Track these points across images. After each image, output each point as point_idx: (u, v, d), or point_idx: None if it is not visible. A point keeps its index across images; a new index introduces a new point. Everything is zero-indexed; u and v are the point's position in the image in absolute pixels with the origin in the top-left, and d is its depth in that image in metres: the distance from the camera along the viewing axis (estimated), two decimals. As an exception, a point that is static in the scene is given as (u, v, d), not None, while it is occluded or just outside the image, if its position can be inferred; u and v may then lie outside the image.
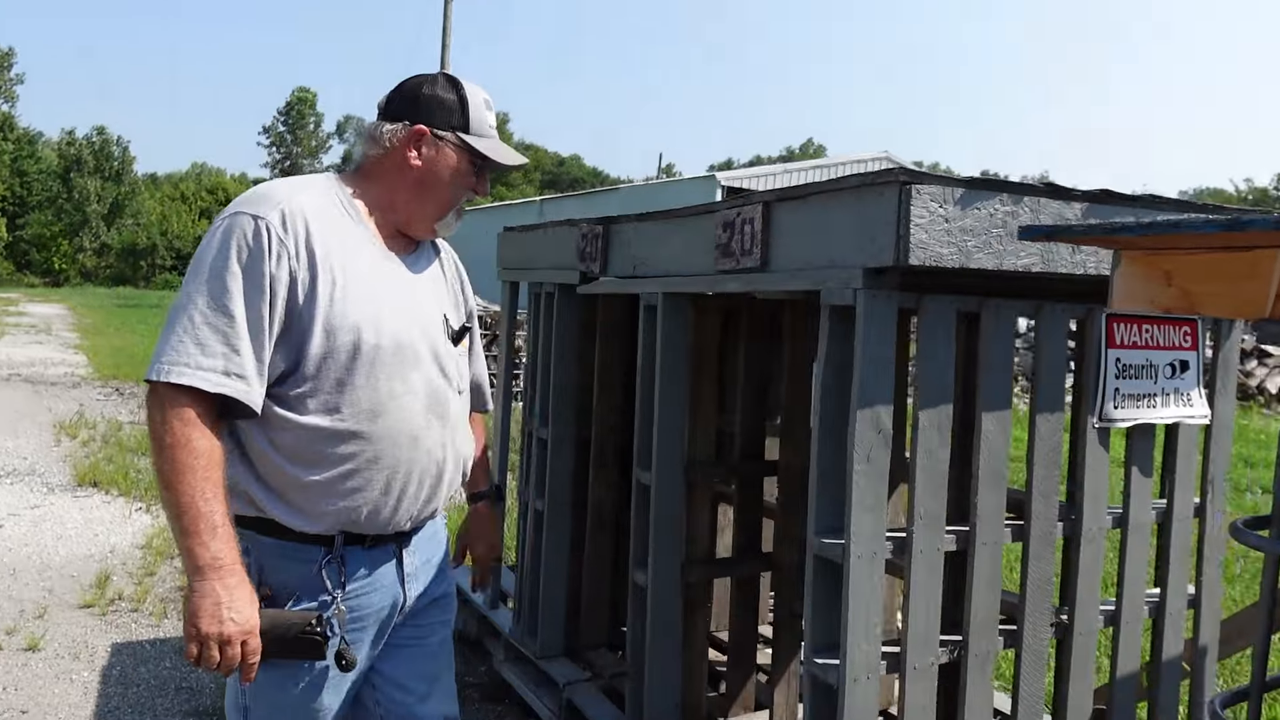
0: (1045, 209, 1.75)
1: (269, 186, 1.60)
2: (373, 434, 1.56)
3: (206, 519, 1.43)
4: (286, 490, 1.54)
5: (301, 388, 1.53)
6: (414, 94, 1.67)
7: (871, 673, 1.76)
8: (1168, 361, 2.11)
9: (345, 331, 1.54)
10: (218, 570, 1.44)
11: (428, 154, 1.64)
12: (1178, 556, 2.21)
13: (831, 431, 1.80)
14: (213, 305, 1.47)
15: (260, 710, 1.61)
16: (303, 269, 1.52)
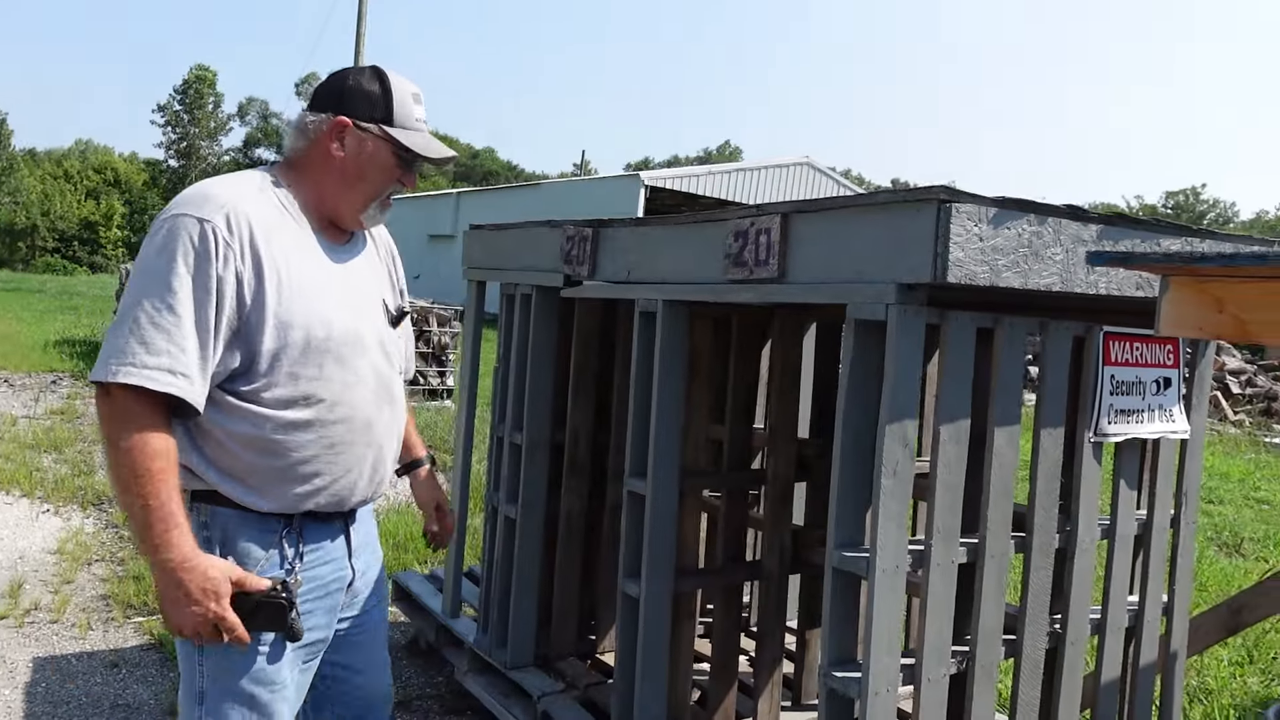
0: (1066, 229, 1.78)
1: (209, 187, 1.61)
2: (329, 421, 1.63)
3: (167, 520, 1.47)
4: (245, 475, 1.60)
5: (257, 382, 1.57)
6: (339, 86, 1.69)
7: (891, 685, 1.77)
8: (1153, 378, 2.19)
9: (295, 328, 1.59)
10: (182, 570, 1.49)
11: (350, 145, 1.67)
12: (1156, 566, 2.29)
13: (855, 445, 1.80)
14: (158, 306, 1.48)
15: (216, 692, 1.63)
16: (248, 270, 1.55)
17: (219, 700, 1.62)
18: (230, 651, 1.59)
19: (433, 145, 1.73)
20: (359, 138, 1.66)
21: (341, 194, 1.69)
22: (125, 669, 3.37)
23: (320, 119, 1.66)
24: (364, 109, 1.66)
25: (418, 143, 1.69)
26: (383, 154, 1.68)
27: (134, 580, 4.17)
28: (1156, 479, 2.27)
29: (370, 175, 1.68)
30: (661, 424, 2.30)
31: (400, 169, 1.70)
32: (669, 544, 2.34)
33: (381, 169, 1.69)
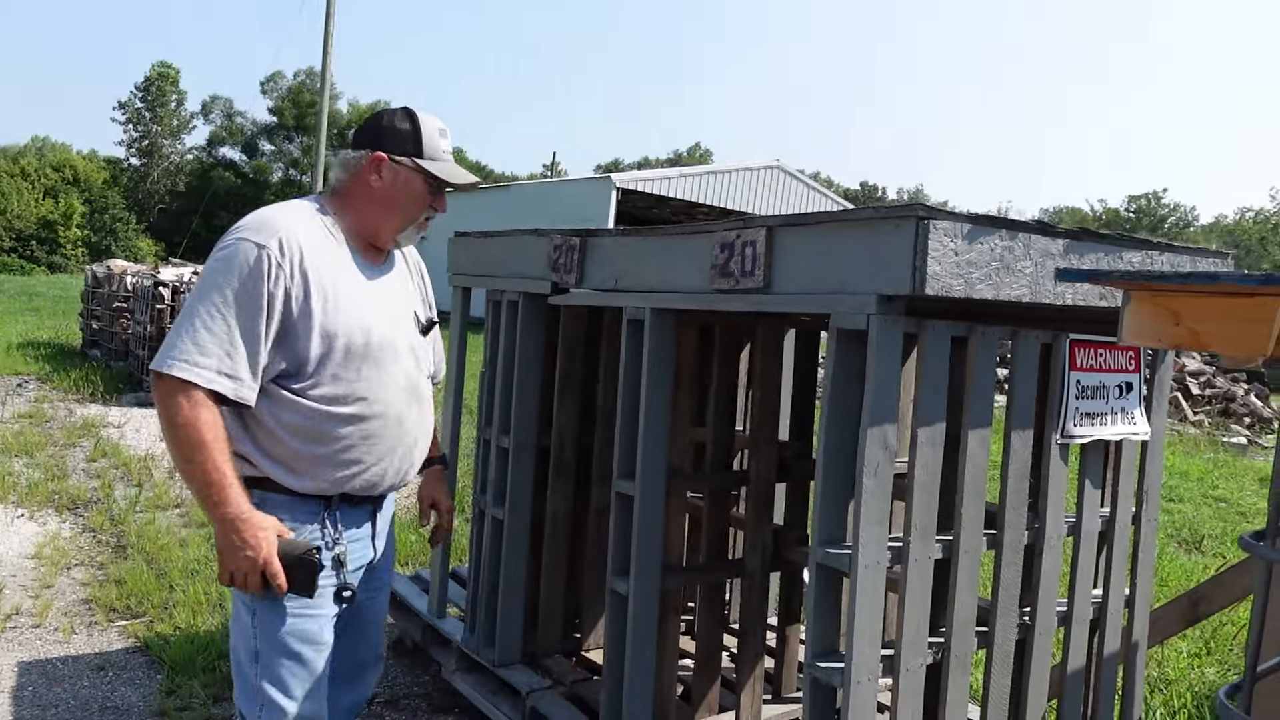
0: (1035, 244, 1.90)
1: (268, 214, 1.89)
2: (366, 416, 1.91)
3: (217, 483, 1.75)
4: (292, 461, 1.87)
5: (305, 381, 1.85)
6: (375, 126, 1.97)
7: (872, 675, 1.87)
8: (1116, 383, 2.31)
9: (338, 336, 1.86)
10: (234, 521, 1.77)
11: (387, 176, 1.94)
12: (1118, 561, 2.41)
13: (838, 448, 1.89)
14: (213, 314, 1.76)
15: (270, 652, 1.91)
16: (297, 287, 1.83)
17: (271, 657, 1.90)
18: (281, 614, 1.88)
19: (458, 173, 2.00)
20: (394, 169, 1.93)
21: (381, 218, 1.96)
22: (112, 672, 3.39)
23: (360, 155, 1.94)
24: (397, 144, 1.93)
25: (445, 171, 1.96)
26: (415, 183, 1.95)
27: (115, 584, 4.18)
28: (1119, 478, 2.39)
29: (405, 202, 1.95)
30: (650, 427, 2.38)
31: (431, 195, 1.98)
32: (656, 543, 2.42)
33: (414, 196, 1.96)
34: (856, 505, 1.82)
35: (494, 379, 3.09)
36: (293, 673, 1.93)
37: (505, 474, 3.00)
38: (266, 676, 1.92)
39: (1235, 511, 8.02)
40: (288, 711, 1.94)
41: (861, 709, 1.84)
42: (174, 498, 5.77)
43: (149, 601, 4.01)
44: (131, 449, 7.16)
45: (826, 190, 24.41)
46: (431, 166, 1.95)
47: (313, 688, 1.97)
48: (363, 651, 2.22)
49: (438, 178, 1.96)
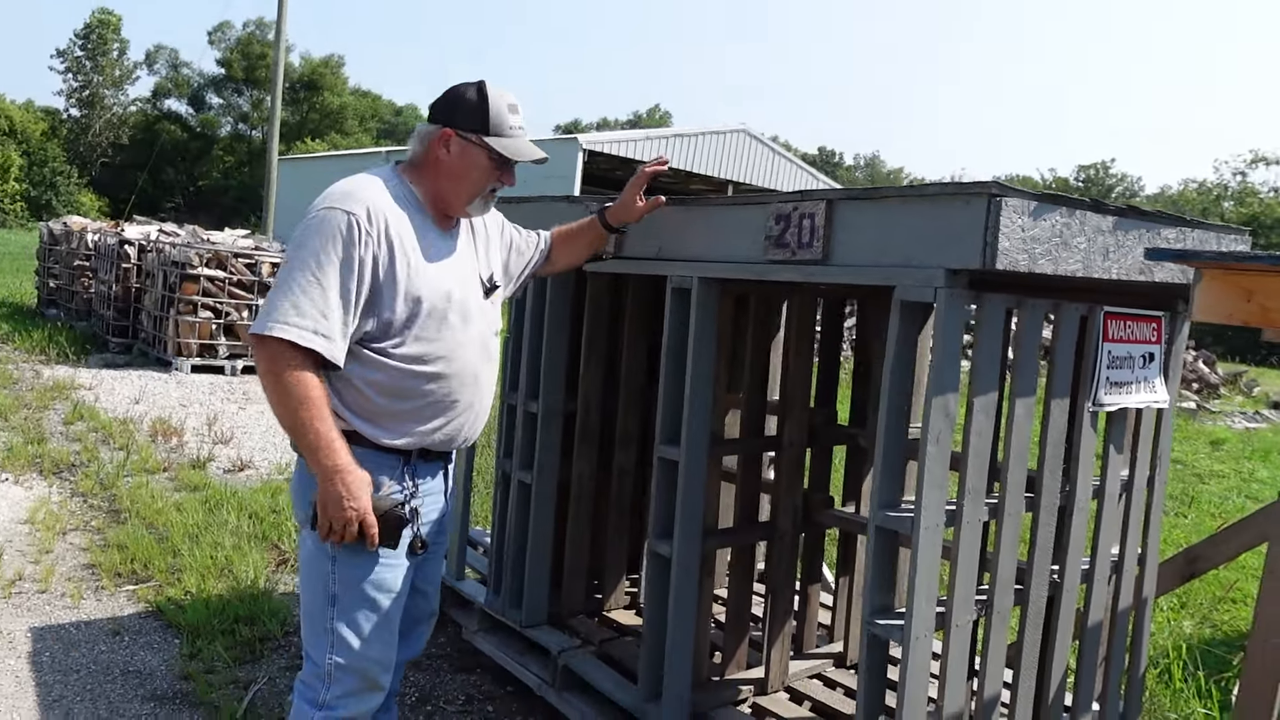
0: (1089, 221, 1.97)
1: (352, 184, 1.95)
2: (448, 374, 2.00)
3: (324, 436, 1.84)
4: (376, 416, 1.96)
5: (391, 340, 1.94)
6: (449, 100, 2.03)
7: (929, 631, 1.96)
8: (1141, 353, 2.42)
9: (421, 299, 1.95)
10: (339, 473, 1.85)
11: (455, 152, 2.00)
12: (1135, 521, 2.54)
13: (898, 416, 1.97)
14: (310, 279, 1.84)
15: (348, 597, 1.98)
16: (384, 253, 1.91)
17: (349, 603, 1.98)
18: (362, 563, 1.97)
19: (523, 149, 2.04)
20: (461, 145, 2.00)
21: (450, 190, 2.03)
22: (128, 636, 3.39)
23: (432, 129, 2.02)
24: (466, 120, 1.99)
25: (509, 147, 2.01)
26: (480, 158, 2.01)
27: (118, 549, 4.15)
28: (1138, 444, 2.51)
29: (471, 175, 2.01)
30: (695, 394, 2.44)
31: (497, 169, 2.03)
32: (698, 507, 2.49)
33: (480, 170, 2.01)
34: (920, 470, 1.90)
35: (519, 345, 3.11)
36: (369, 619, 2.01)
37: (533, 438, 3.04)
38: (343, 620, 1.99)
39: (1191, 473, 8.37)
40: (361, 655, 2.01)
41: (919, 663, 1.94)
42: (160, 461, 5.70)
43: (154, 566, 3.99)
44: (108, 411, 7.03)
45: (789, 154, 24.47)
46: (496, 143, 2.00)
47: (387, 635, 2.05)
48: (420, 607, 2.28)
49: (501, 154, 2.01)
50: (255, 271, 9.58)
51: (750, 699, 2.79)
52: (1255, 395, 15.80)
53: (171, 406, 7.51)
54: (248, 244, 10.57)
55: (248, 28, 49.06)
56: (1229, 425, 12.03)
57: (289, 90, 44.45)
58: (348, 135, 47.97)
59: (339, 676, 2.01)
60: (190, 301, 9.14)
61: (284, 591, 3.88)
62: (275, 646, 3.37)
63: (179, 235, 10.72)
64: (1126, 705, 2.67)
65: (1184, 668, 3.56)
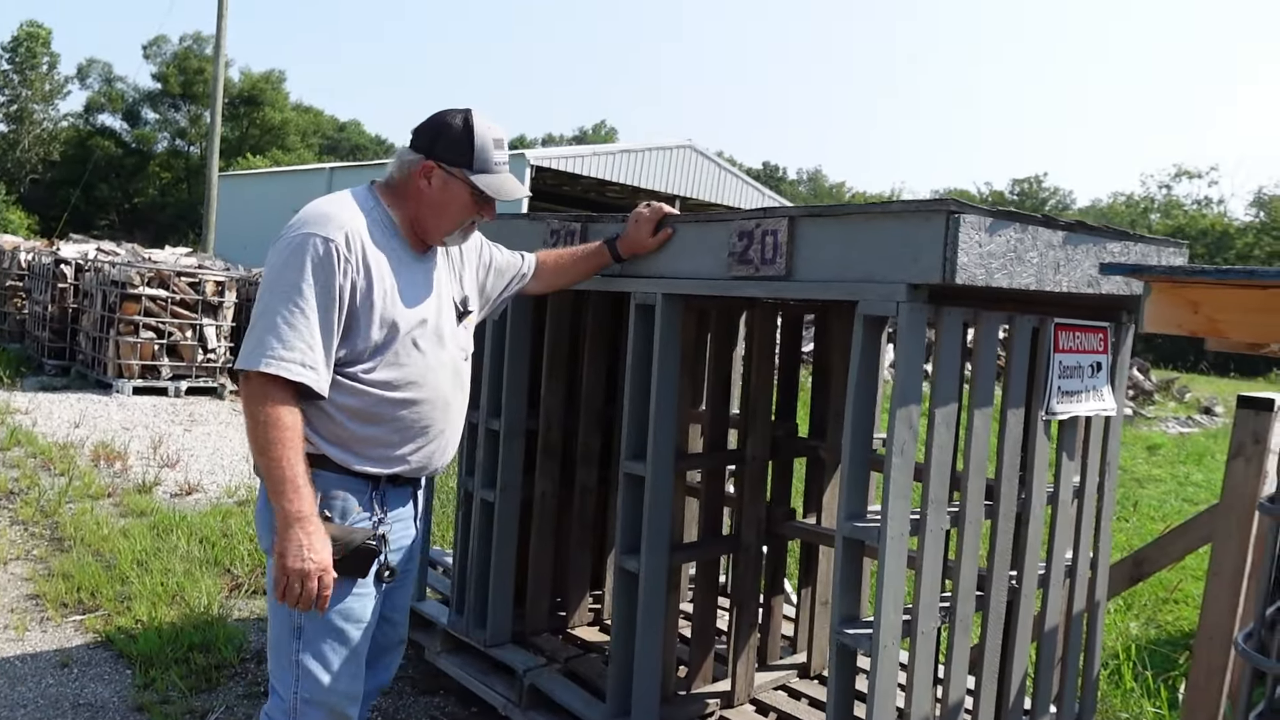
0: (1040, 236, 2.04)
1: (327, 207, 1.91)
2: (419, 399, 1.98)
3: (291, 481, 1.79)
4: (347, 441, 1.93)
5: (363, 365, 1.91)
6: (434, 131, 1.98)
7: (895, 639, 2.00)
8: (1090, 363, 2.50)
9: (395, 324, 1.92)
10: (300, 521, 1.79)
11: (436, 184, 1.97)
12: (1086, 525, 2.62)
13: (863, 428, 2.01)
14: (291, 310, 1.81)
15: (314, 628, 1.93)
16: (361, 279, 1.88)
17: (315, 635, 1.93)
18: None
19: (506, 187, 2.01)
20: (444, 179, 1.96)
21: (430, 220, 2.00)
22: (77, 668, 3.28)
23: (414, 159, 1.97)
24: (450, 153, 1.95)
25: (493, 185, 1.98)
26: (462, 193, 1.97)
27: (63, 578, 4.02)
28: (1088, 450, 2.60)
29: (451, 209, 1.99)
30: (660, 410, 2.46)
31: (477, 205, 2.01)
32: (665, 522, 2.51)
33: (461, 205, 1.99)
34: (885, 480, 1.94)
35: (482, 363, 3.10)
36: (336, 650, 1.96)
37: (495, 456, 3.03)
38: (309, 652, 1.94)
39: (1130, 478, 8.63)
40: (328, 688, 1.96)
41: (888, 670, 1.98)
42: (104, 487, 5.54)
43: (102, 595, 3.88)
44: (46, 436, 6.81)
45: (735, 170, 24.76)
46: (480, 180, 1.96)
47: (353, 667, 2.00)
48: (388, 636, 2.24)
49: (484, 192, 1.98)
50: (199, 290, 9.37)
51: (717, 712, 2.80)
52: (1187, 401, 16.37)
53: (114, 430, 7.30)
54: (191, 262, 10.35)
55: (185, 42, 48.03)
56: (1164, 430, 12.44)
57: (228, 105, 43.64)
58: (289, 151, 47.16)
59: (305, 711, 1.96)
60: (131, 322, 8.91)
61: (239, 617, 3.80)
62: (232, 674, 3.29)
63: (119, 254, 10.45)
64: (1082, 706, 2.75)
65: (1133, 668, 3.67)
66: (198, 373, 9.39)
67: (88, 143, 45.73)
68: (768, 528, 2.92)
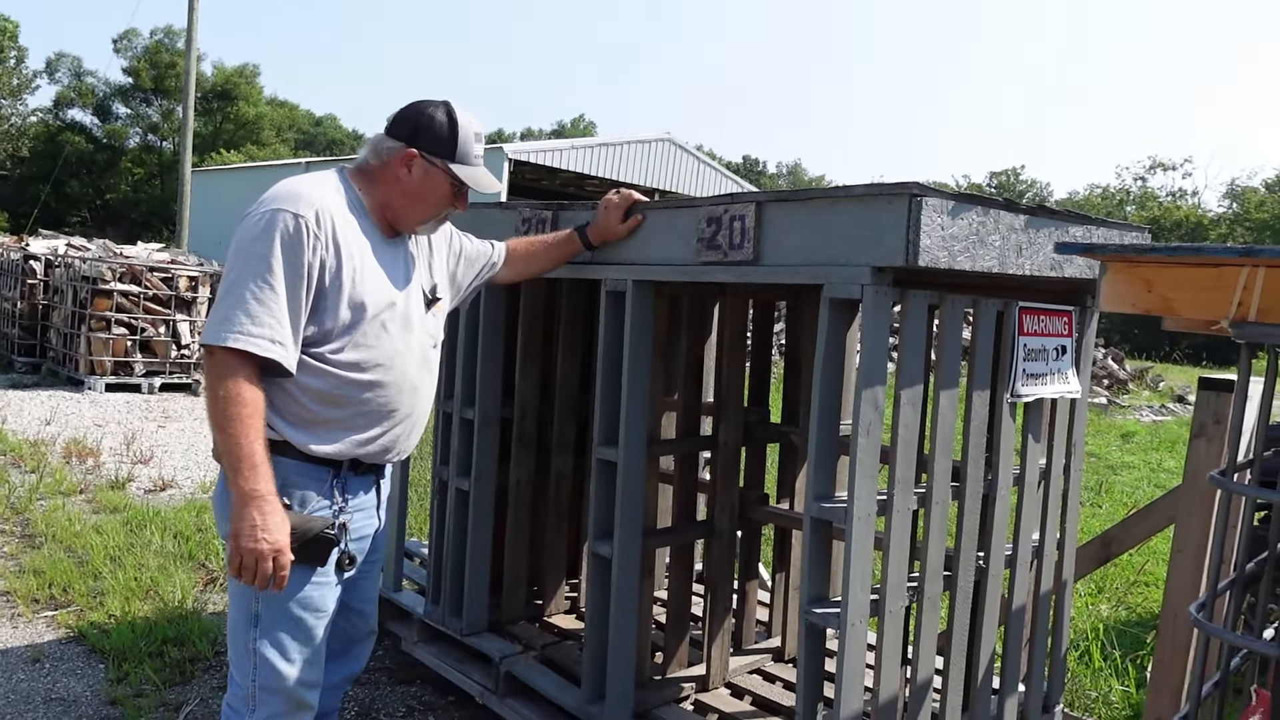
0: (1002, 219, 2.07)
1: (299, 185, 1.89)
2: (385, 382, 1.96)
3: (249, 459, 1.76)
4: (308, 423, 1.91)
5: (330, 345, 1.89)
6: (414, 119, 1.98)
7: (864, 618, 2.03)
8: (1054, 346, 2.54)
9: (364, 305, 1.91)
10: (256, 500, 1.77)
11: (416, 173, 1.97)
12: (1053, 507, 2.66)
13: (829, 410, 2.03)
14: (260, 285, 1.78)
15: (271, 616, 1.92)
16: (330, 257, 1.87)
17: (272, 622, 1.92)
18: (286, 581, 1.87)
19: (483, 180, 2.03)
20: (424, 168, 1.97)
21: (404, 209, 2.00)
22: (49, 663, 3.26)
23: (393, 146, 1.97)
24: (431, 144, 1.96)
25: (472, 177, 2.01)
26: (442, 183, 1.99)
27: (34, 574, 3.98)
28: (1054, 432, 2.64)
29: (430, 199, 2.00)
30: (632, 396, 2.47)
31: (454, 196, 2.02)
32: (638, 507, 2.52)
33: (439, 195, 2.00)
34: (851, 461, 1.97)
35: (455, 351, 3.10)
36: (293, 638, 1.94)
37: (470, 445, 3.03)
38: (265, 640, 1.93)
39: (1104, 465, 8.74)
40: (285, 676, 1.95)
41: (855, 649, 2.00)
42: (76, 483, 5.49)
43: (74, 590, 3.85)
44: (17, 434, 6.73)
45: (714, 163, 24.79)
46: (461, 172, 1.98)
47: (311, 655, 1.99)
48: (357, 626, 2.25)
49: (465, 184, 2.00)
50: (172, 286, 9.29)
51: (692, 696, 2.83)
52: (1161, 390, 16.58)
53: (86, 427, 7.23)
54: (163, 258, 10.25)
55: (155, 35, 47.39)
56: (1138, 419, 12.60)
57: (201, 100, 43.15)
58: (264, 146, 46.71)
59: (264, 699, 1.95)
60: (103, 318, 8.81)
61: (213, 611, 3.78)
62: (206, 667, 3.28)
63: (89, 250, 10.33)
64: (1050, 685, 2.79)
65: (1102, 648, 3.73)
66: (171, 369, 9.30)
67: (58, 138, 45.06)
68: (741, 513, 2.95)
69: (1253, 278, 1.51)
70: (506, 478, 3.13)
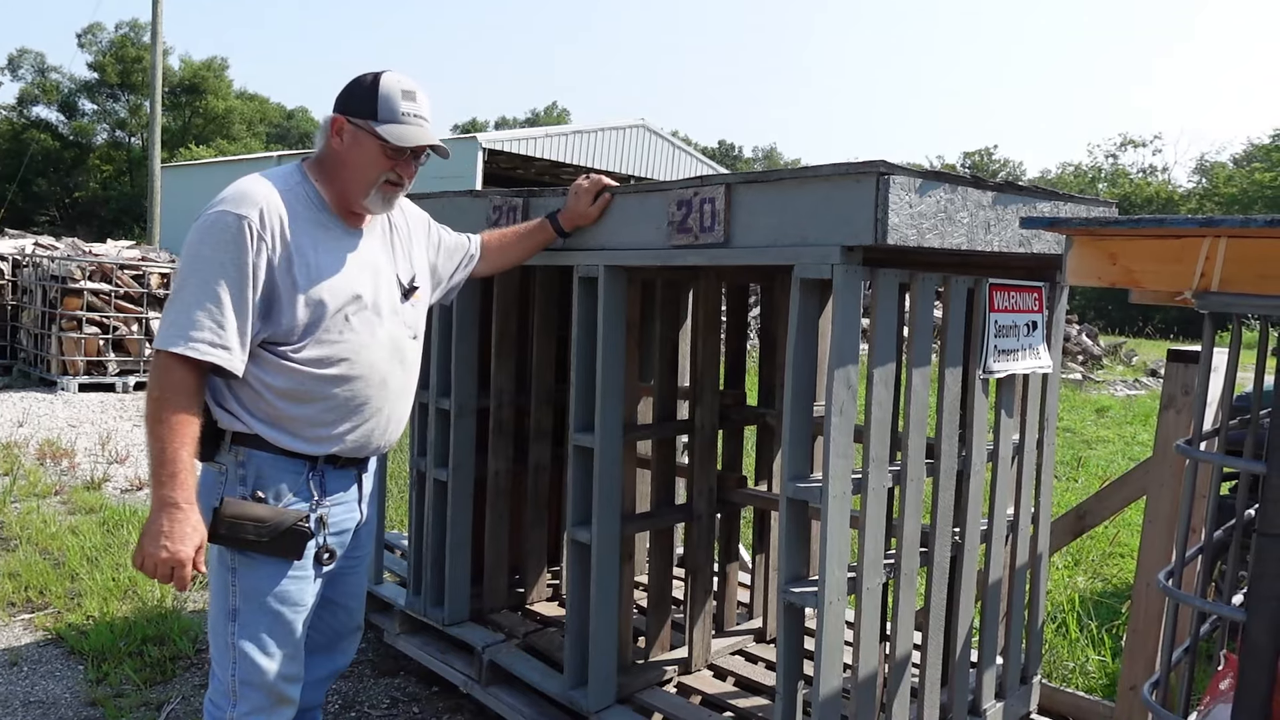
0: (970, 196, 2.08)
1: (247, 185, 1.87)
2: (351, 376, 1.94)
3: (169, 465, 1.76)
4: (277, 420, 1.89)
5: (291, 344, 1.88)
6: (345, 89, 1.97)
7: (841, 596, 2.04)
8: (1025, 322, 2.56)
9: (322, 302, 1.89)
10: (167, 507, 1.77)
11: (348, 140, 1.94)
12: (1027, 481, 2.69)
13: (802, 391, 2.04)
14: (203, 289, 1.78)
15: (249, 611, 1.92)
16: (278, 256, 1.84)
17: (250, 617, 1.92)
18: (262, 574, 1.90)
19: (412, 135, 1.92)
20: (352, 132, 1.93)
21: (345, 181, 1.95)
22: (26, 666, 3.23)
23: (328, 119, 1.96)
24: (356, 107, 1.92)
25: (397, 133, 1.91)
26: (370, 145, 1.92)
27: (9, 577, 3.94)
28: (1026, 408, 2.66)
29: (362, 163, 1.93)
30: (607, 382, 2.47)
31: (389, 159, 1.93)
32: (616, 493, 2.53)
33: (370, 158, 1.92)
34: (825, 440, 1.98)
35: (430, 342, 3.08)
36: (271, 632, 1.94)
37: (447, 436, 3.02)
38: (244, 635, 1.92)
39: (1079, 440, 8.84)
40: (265, 670, 1.94)
41: (834, 626, 2.02)
42: (51, 485, 5.43)
43: (51, 592, 3.81)
44: (-12, 437, 6.64)
45: (689, 148, 24.74)
46: (385, 130, 1.89)
47: (291, 649, 1.98)
48: (342, 621, 2.24)
49: (387, 139, 1.89)
50: (143, 283, 9.18)
51: (675, 678, 2.84)
52: (1134, 364, 16.77)
53: (60, 428, 7.14)
54: (134, 255, 10.12)
55: (121, 29, 46.62)
56: (1112, 393, 12.75)
57: (169, 94, 42.57)
58: (235, 140, 46.15)
59: (244, 693, 1.94)
60: (74, 317, 8.70)
61: (194, 609, 3.75)
62: (188, 665, 3.26)
63: (58, 249, 10.18)
64: (1027, 657, 2.83)
65: (1079, 620, 3.78)
66: (145, 367, 9.20)
67: (22, 136, 44.32)
68: (719, 496, 2.96)
69: (1214, 248, 1.52)
70: (485, 468, 3.12)
